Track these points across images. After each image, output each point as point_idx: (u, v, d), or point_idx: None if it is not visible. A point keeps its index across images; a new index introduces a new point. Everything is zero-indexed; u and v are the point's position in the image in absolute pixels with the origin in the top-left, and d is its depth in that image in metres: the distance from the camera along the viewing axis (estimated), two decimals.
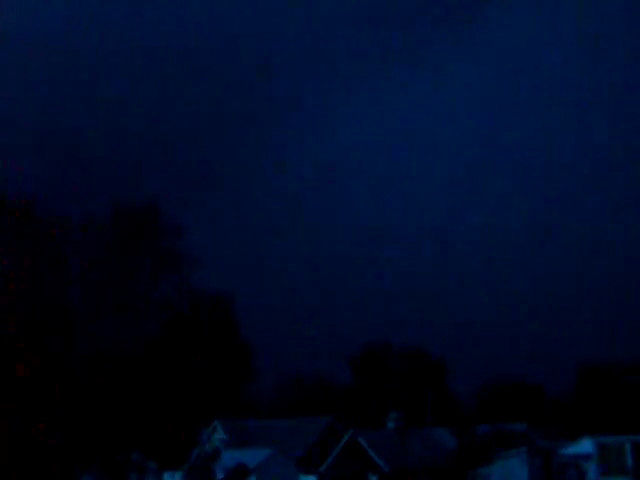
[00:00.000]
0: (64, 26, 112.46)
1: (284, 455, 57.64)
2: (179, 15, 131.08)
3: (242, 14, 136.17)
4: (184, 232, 61.49)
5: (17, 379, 50.07)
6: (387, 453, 54.35)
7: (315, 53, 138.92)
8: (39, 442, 50.52)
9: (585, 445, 46.89)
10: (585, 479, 45.80)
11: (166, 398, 65.15)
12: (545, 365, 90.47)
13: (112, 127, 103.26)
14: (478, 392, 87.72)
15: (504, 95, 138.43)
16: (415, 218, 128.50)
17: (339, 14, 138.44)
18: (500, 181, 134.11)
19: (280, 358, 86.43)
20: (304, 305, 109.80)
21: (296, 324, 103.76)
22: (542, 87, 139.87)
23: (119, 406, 53.56)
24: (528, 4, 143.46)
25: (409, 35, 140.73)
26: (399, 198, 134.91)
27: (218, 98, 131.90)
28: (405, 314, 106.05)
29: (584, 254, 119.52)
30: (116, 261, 58.77)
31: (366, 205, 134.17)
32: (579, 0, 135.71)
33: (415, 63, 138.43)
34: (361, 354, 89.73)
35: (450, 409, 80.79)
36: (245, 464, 46.07)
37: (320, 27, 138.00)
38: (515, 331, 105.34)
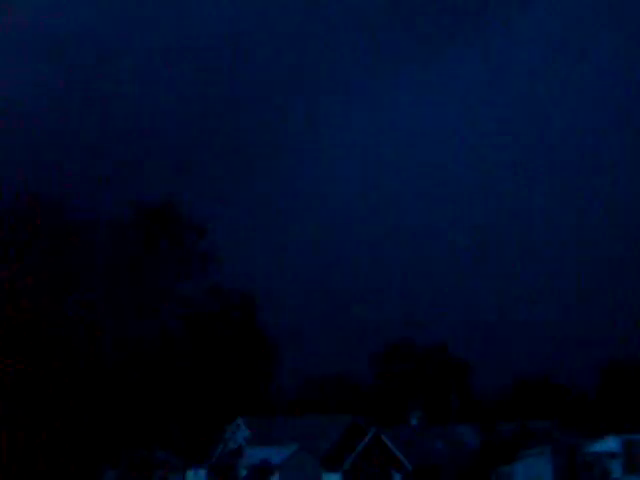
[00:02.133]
0: (77, 26, 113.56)
1: (308, 453, 57.74)
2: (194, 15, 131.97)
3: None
4: (206, 231, 61.81)
5: (42, 376, 50.48)
6: (410, 451, 54.26)
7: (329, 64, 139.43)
8: (62, 439, 50.89)
9: (610, 443, 46.57)
10: (610, 477, 45.50)
11: (190, 396, 65.39)
12: (570, 362, 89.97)
13: (128, 127, 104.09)
14: (501, 390, 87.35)
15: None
16: (442, 217, 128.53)
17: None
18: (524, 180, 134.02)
19: (303, 357, 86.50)
20: (327, 304, 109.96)
21: (319, 322, 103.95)
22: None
23: (143, 403, 53.84)
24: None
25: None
26: (421, 197, 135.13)
27: (234, 100, 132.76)
28: (429, 312, 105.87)
29: (609, 253, 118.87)
30: (139, 261, 59.08)
31: (388, 204, 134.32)
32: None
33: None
34: (384, 352, 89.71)
35: (473, 407, 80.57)
36: (269, 461, 46.20)
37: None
38: (539, 329, 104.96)
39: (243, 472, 46.03)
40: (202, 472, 57.11)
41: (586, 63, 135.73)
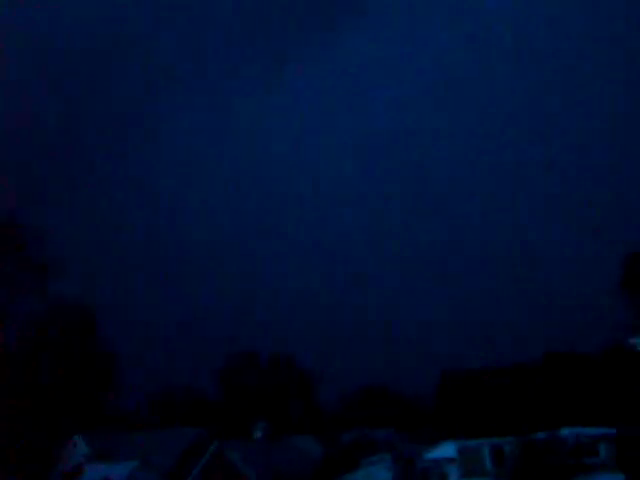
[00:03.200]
0: None
1: (150, 467, 56.84)
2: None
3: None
4: (44, 243, 60.12)
5: None
6: (254, 463, 54.38)
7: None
8: None
9: (447, 449, 48.16)
10: None
11: (23, 413, 63.22)
12: (409, 371, 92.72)
13: None
14: (344, 400, 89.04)
15: None
16: (286, 216, 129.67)
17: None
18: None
19: (146, 371, 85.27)
20: (172, 318, 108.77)
21: (164, 337, 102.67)
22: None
23: None
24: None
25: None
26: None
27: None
28: (272, 323, 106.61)
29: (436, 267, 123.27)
30: None
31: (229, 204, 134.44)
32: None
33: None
34: (227, 365, 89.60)
35: (316, 418, 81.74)
36: (109, 478, 45.15)
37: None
38: (379, 338, 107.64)
39: None
40: None
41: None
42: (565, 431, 43.91)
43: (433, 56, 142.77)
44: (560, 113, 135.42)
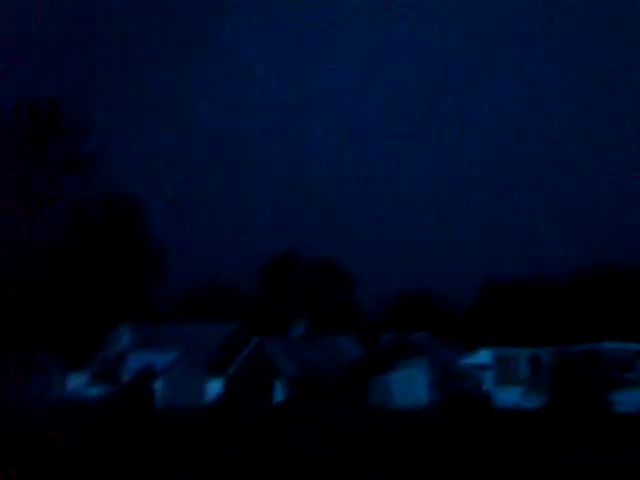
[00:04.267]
0: None
1: (192, 358, 58.31)
2: None
3: None
4: (89, 132, 60.13)
5: None
6: (292, 360, 55.44)
7: None
8: None
9: (484, 356, 48.65)
10: (482, 387, 47.69)
11: (74, 300, 64.71)
12: (451, 278, 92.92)
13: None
14: (383, 303, 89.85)
15: None
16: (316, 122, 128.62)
17: None
18: None
19: (190, 263, 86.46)
20: (216, 211, 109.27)
21: (207, 230, 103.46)
22: None
23: (24, 306, 53.00)
24: None
25: None
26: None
27: None
28: (315, 225, 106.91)
29: (492, 174, 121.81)
30: (18, 161, 57.25)
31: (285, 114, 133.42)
32: None
33: None
34: (270, 263, 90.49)
35: (355, 319, 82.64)
36: (153, 366, 46.36)
37: None
38: (424, 244, 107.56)
39: (126, 377, 46.07)
40: (85, 376, 57.01)
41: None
42: (605, 345, 43.97)
43: None
44: None
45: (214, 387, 56.34)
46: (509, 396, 44.21)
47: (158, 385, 49.01)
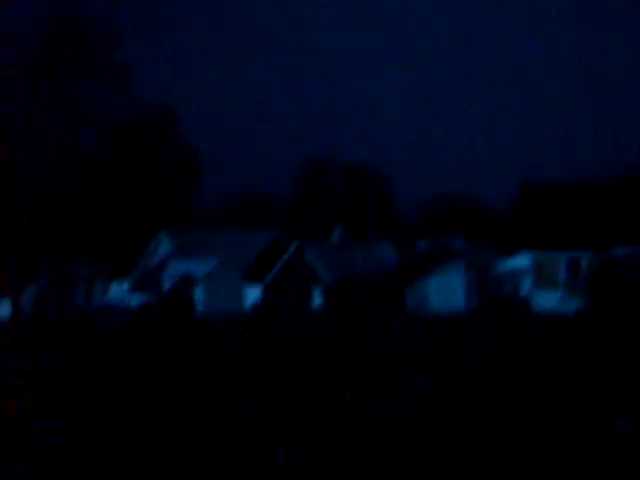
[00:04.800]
0: None
1: (231, 265, 58.86)
2: None
3: None
4: (121, 41, 59.45)
5: None
6: (331, 266, 55.75)
7: None
8: None
9: (522, 259, 48.48)
10: (520, 291, 47.69)
11: (112, 208, 65.23)
12: (489, 181, 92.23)
13: None
14: (421, 206, 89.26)
15: None
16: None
17: None
18: None
19: (225, 169, 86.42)
20: (252, 117, 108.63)
21: (242, 135, 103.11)
22: None
23: (64, 215, 53.55)
24: None
25: None
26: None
27: None
28: (350, 129, 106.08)
29: (524, 72, 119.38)
30: (51, 71, 56.96)
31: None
32: None
33: None
34: (306, 168, 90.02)
35: (394, 223, 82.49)
36: (192, 274, 46.97)
37: None
38: (460, 146, 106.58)
39: (167, 284, 46.74)
40: (126, 284, 57.90)
41: None
42: None
43: None
44: None
45: (253, 294, 57.01)
46: (547, 300, 44.17)
47: (197, 292, 49.70)
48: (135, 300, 50.64)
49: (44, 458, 11.66)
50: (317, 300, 54.24)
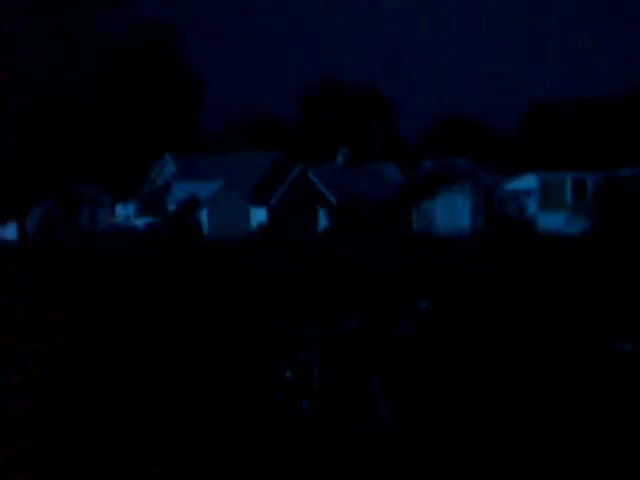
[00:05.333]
0: None
1: (235, 188, 58.73)
2: None
3: None
4: None
5: None
6: (336, 187, 55.58)
7: None
8: None
9: (528, 181, 48.30)
10: (525, 212, 47.64)
11: (116, 131, 64.76)
12: (494, 103, 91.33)
13: None
14: (426, 128, 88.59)
15: None
16: None
17: None
18: None
19: (228, 89, 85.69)
20: (255, 35, 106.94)
21: (245, 54, 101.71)
22: None
23: (68, 138, 53.19)
24: None
25: None
26: None
27: None
28: (355, 49, 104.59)
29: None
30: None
31: None
32: None
33: None
34: (308, 93, 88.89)
35: (398, 145, 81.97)
36: (196, 196, 46.85)
37: None
38: (466, 68, 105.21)
39: (171, 207, 46.68)
40: (131, 207, 57.87)
41: None
42: None
43: None
44: None
45: (258, 215, 57.01)
46: (553, 221, 44.15)
47: (203, 214, 49.69)
48: (140, 222, 50.67)
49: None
50: (323, 221, 54.23)
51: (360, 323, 10.00)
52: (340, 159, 60.47)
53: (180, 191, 51.28)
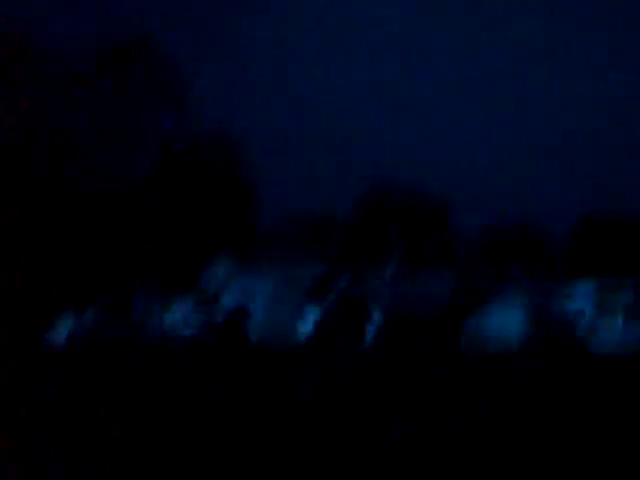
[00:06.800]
0: None
1: (286, 292, 58.71)
2: None
3: None
4: (178, 66, 59.38)
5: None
6: (385, 300, 55.22)
7: None
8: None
9: (582, 289, 47.58)
10: (578, 324, 46.75)
11: (171, 231, 65.45)
12: (549, 208, 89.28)
13: None
14: (481, 231, 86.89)
15: None
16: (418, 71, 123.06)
17: None
18: None
19: (281, 195, 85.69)
20: (305, 142, 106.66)
21: (304, 161, 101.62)
22: None
23: (124, 239, 53.96)
24: None
25: None
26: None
27: None
28: (407, 152, 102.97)
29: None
30: (108, 96, 57.48)
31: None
32: None
33: None
34: (367, 194, 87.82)
35: (450, 252, 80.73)
36: (246, 306, 47.06)
37: None
38: (522, 172, 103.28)
39: (220, 316, 46.86)
40: (184, 308, 58.12)
41: None
42: None
43: None
44: None
45: (307, 323, 56.72)
46: (608, 331, 43.10)
47: (251, 322, 49.77)
48: (187, 331, 50.81)
49: None
50: (370, 335, 53.81)
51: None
52: (392, 267, 60.29)
53: (232, 294, 51.60)
